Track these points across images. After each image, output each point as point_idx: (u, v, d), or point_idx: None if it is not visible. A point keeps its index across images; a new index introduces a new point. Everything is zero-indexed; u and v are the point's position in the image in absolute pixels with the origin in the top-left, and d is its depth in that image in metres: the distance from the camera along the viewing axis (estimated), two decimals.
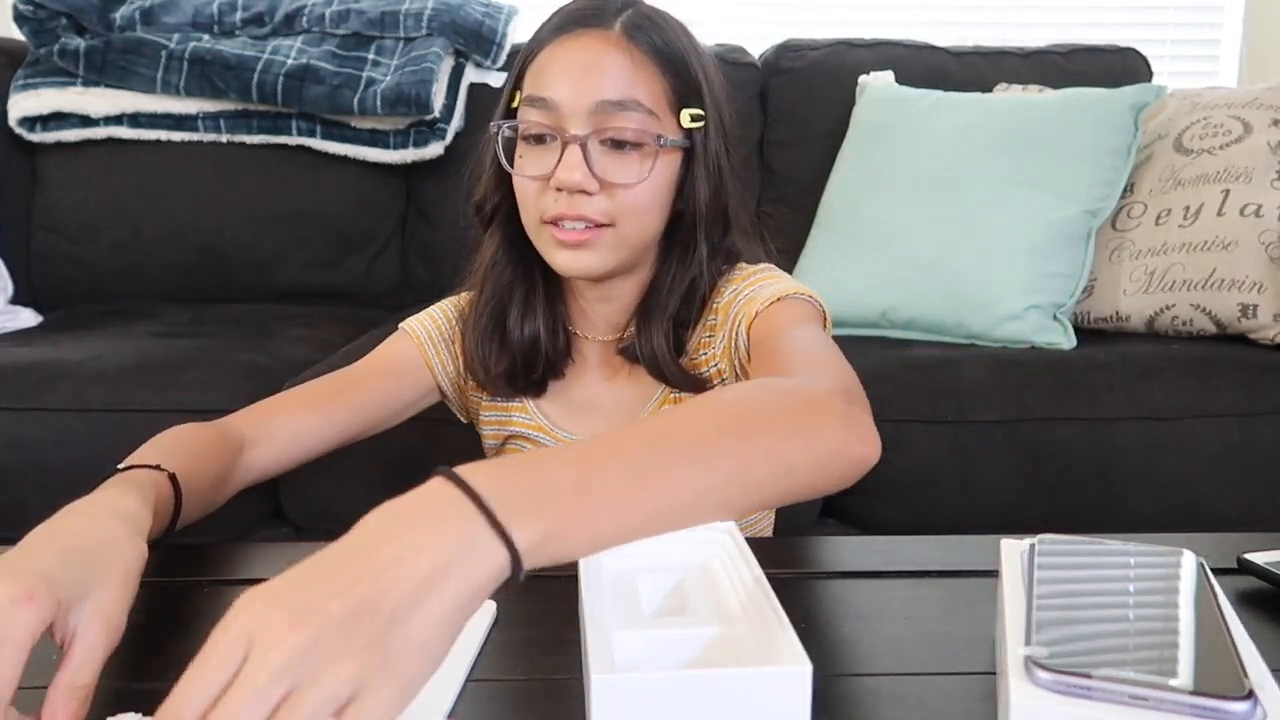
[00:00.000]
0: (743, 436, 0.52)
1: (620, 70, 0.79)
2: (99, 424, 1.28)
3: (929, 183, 1.58)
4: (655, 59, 0.81)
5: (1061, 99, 1.62)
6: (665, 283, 0.86)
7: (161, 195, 1.83)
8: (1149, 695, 0.42)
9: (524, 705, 0.52)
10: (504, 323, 0.88)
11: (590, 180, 0.78)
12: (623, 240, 0.82)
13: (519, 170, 0.82)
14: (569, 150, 0.78)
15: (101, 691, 0.51)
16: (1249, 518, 1.29)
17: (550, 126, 0.79)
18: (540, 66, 0.81)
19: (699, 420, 0.53)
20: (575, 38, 0.80)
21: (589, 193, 0.79)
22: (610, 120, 0.79)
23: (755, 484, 0.52)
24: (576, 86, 0.78)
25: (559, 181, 0.78)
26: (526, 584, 0.44)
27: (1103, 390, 1.30)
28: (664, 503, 0.48)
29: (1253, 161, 1.48)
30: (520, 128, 0.81)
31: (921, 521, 1.29)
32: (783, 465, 0.52)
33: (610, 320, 0.90)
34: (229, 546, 0.75)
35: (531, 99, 0.80)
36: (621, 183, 0.80)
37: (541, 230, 0.82)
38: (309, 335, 1.58)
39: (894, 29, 2.02)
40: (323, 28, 1.87)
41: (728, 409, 0.54)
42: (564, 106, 0.79)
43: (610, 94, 0.78)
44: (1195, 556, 0.54)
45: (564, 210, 0.79)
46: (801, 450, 0.54)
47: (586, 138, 0.78)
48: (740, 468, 0.51)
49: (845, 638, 0.59)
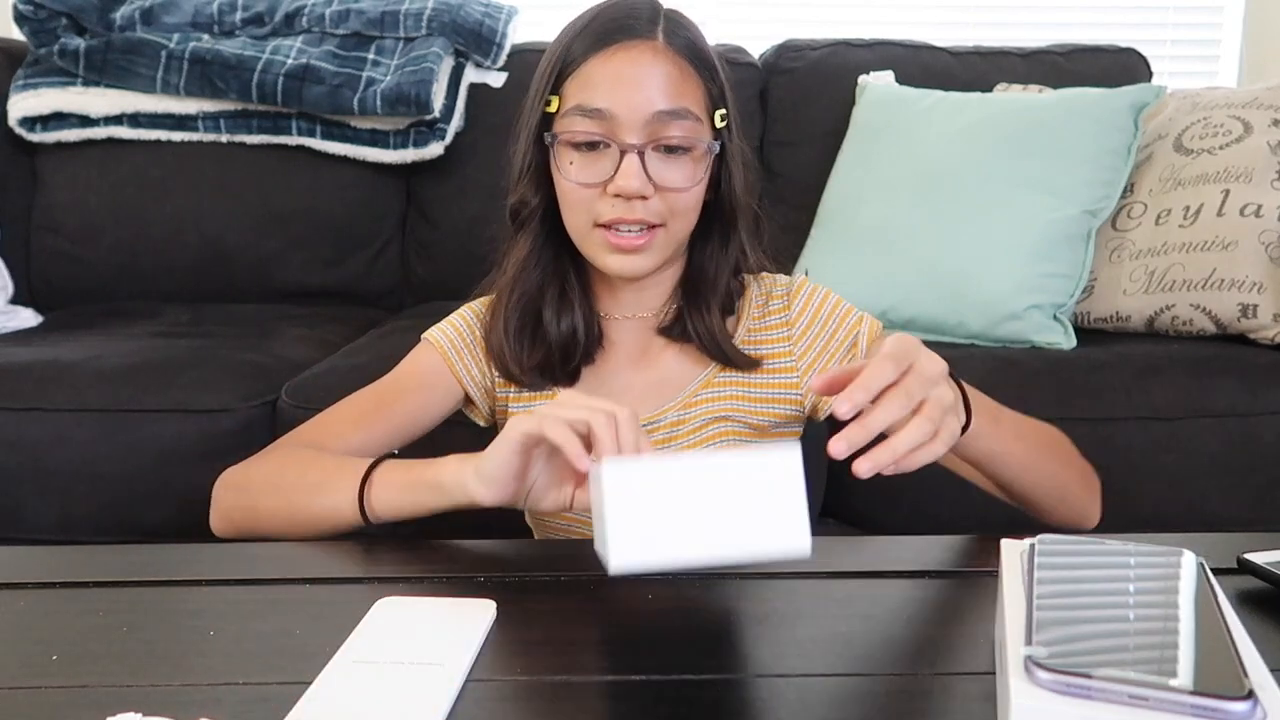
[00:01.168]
0: (1065, 461, 0.89)
1: (670, 80, 0.83)
2: (99, 424, 1.28)
3: (929, 183, 1.58)
4: (695, 66, 0.85)
5: (1061, 99, 1.62)
6: (710, 266, 0.91)
7: (161, 195, 1.83)
8: (1149, 695, 0.42)
9: (524, 705, 0.52)
10: (539, 319, 0.90)
11: (648, 186, 0.83)
12: (670, 239, 0.87)
13: (571, 176, 0.84)
14: (628, 159, 0.82)
15: (102, 691, 0.51)
16: (1249, 518, 1.29)
17: (605, 135, 0.83)
18: (588, 76, 0.84)
19: (1045, 435, 0.89)
20: (624, 49, 0.83)
21: (645, 197, 0.83)
22: (664, 129, 0.83)
23: (1049, 487, 0.87)
24: (632, 98, 0.82)
25: (619, 189, 0.82)
26: (526, 584, 0.44)
27: (1103, 390, 1.30)
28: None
29: (1253, 161, 1.48)
30: (570, 136, 0.84)
31: (921, 521, 1.29)
32: (1063, 491, 0.88)
33: (644, 303, 0.93)
34: (229, 546, 0.75)
35: (583, 109, 0.83)
36: (675, 187, 0.84)
37: (593, 233, 0.86)
38: (309, 335, 1.58)
39: (894, 29, 2.02)
40: (323, 28, 1.87)
41: (1059, 441, 0.89)
42: (620, 117, 0.82)
43: (663, 104, 0.82)
44: (1195, 556, 0.54)
45: (622, 215, 0.83)
46: (1082, 491, 0.90)
47: (644, 147, 0.82)
48: (1053, 475, 0.86)
49: (845, 638, 0.59)
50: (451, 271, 1.86)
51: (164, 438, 1.28)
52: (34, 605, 0.63)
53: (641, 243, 0.84)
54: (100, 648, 0.57)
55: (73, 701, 0.51)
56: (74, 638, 0.58)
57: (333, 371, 1.35)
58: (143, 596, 0.64)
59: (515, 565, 0.70)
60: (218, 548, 0.75)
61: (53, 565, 0.69)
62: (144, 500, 1.29)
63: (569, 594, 0.64)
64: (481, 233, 1.99)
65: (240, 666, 0.55)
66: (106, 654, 0.56)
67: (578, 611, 0.62)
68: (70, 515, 1.29)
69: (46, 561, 0.70)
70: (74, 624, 0.60)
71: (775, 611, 0.62)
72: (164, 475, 1.29)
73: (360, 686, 0.51)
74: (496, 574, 0.67)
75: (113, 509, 1.29)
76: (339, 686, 0.52)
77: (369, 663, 0.54)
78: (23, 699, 0.51)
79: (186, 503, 1.30)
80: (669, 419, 0.91)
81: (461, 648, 0.55)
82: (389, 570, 0.67)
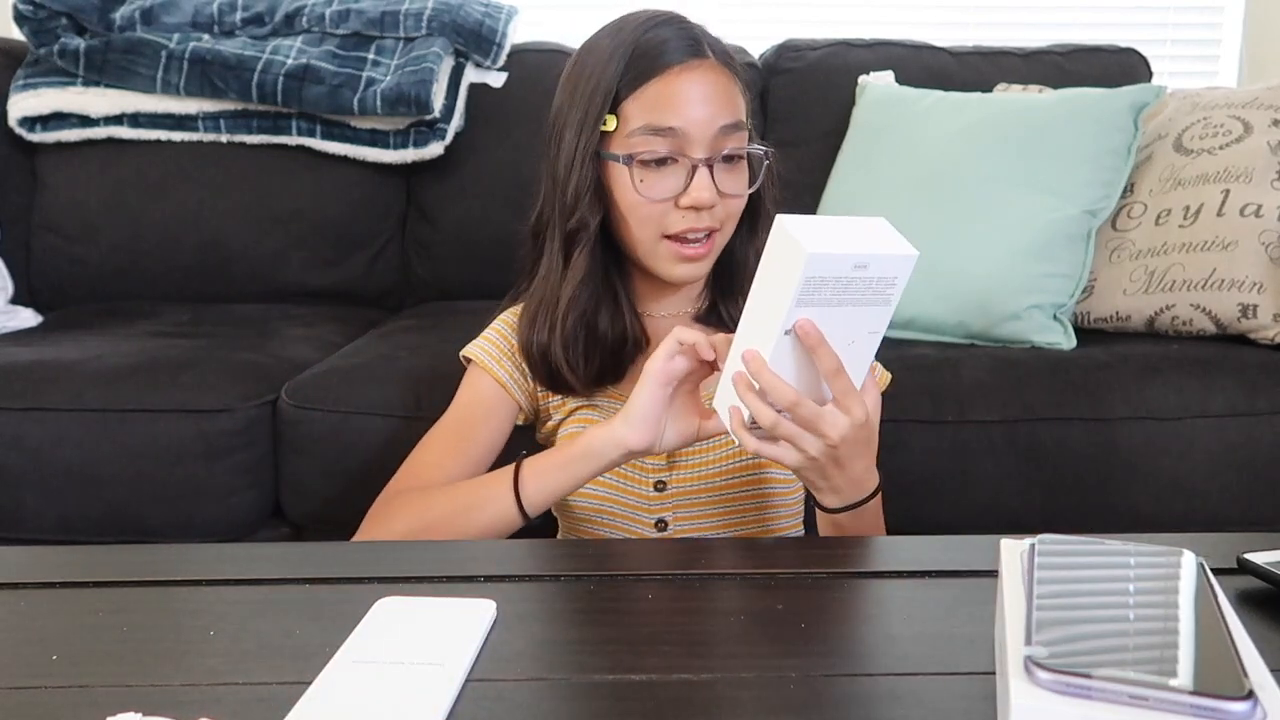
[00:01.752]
0: None
1: (730, 96, 0.90)
2: (99, 424, 1.28)
3: (929, 183, 1.58)
4: (739, 80, 0.92)
5: (1061, 99, 1.62)
6: (741, 253, 0.96)
7: (161, 195, 1.83)
8: (1149, 695, 0.42)
9: (524, 705, 0.52)
10: (592, 331, 0.94)
11: (716, 197, 0.89)
12: (724, 241, 0.93)
13: (644, 193, 0.89)
14: (699, 173, 0.88)
15: (102, 691, 0.51)
16: (1249, 518, 1.29)
17: (675, 151, 0.88)
18: (655, 96, 0.88)
19: None
20: (690, 70, 0.89)
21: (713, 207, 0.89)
22: (725, 141, 0.89)
23: None
24: (702, 116, 0.88)
25: (694, 200, 0.88)
26: (526, 584, 0.44)
27: (1103, 390, 1.30)
28: None
29: (1253, 161, 1.48)
30: (643, 155, 0.88)
31: (921, 521, 1.29)
32: None
33: (685, 299, 1.00)
34: (229, 546, 0.75)
35: (654, 128, 0.88)
36: (735, 193, 0.91)
37: (660, 245, 0.91)
38: (309, 335, 1.58)
39: (894, 29, 2.02)
40: (323, 28, 1.87)
41: None
42: (692, 134, 0.88)
43: (725, 119, 0.89)
44: (1195, 556, 0.54)
45: (692, 224, 0.89)
46: None
47: (712, 160, 0.88)
48: None
49: (845, 638, 0.59)
50: (451, 271, 1.86)
51: (164, 438, 1.28)
52: (34, 605, 0.63)
53: (706, 250, 0.91)
54: (100, 648, 0.57)
55: (73, 701, 0.51)
56: (74, 638, 0.58)
57: (333, 371, 1.36)
58: (143, 596, 0.64)
59: (515, 565, 0.70)
60: (218, 548, 0.75)
61: (53, 565, 0.69)
62: (144, 500, 1.29)
63: (569, 594, 0.64)
64: (481, 233, 2.00)
65: (240, 666, 0.55)
66: (106, 654, 0.56)
67: (578, 611, 0.62)
68: (70, 515, 1.29)
69: (46, 561, 0.70)
70: (74, 624, 0.60)
71: (775, 612, 0.62)
72: (164, 475, 1.29)
73: (360, 686, 0.51)
74: (496, 574, 0.67)
75: (113, 509, 1.29)
76: (339, 686, 0.52)
77: (369, 663, 0.54)
78: (23, 699, 0.51)
79: (186, 503, 1.30)
80: None
81: (461, 648, 0.55)
82: (389, 570, 0.67)
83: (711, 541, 0.89)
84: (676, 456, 0.94)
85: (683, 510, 0.94)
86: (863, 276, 0.69)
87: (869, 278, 0.69)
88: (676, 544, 0.83)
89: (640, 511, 0.94)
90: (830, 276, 0.68)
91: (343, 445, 1.28)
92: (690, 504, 0.94)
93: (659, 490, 0.94)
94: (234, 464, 1.30)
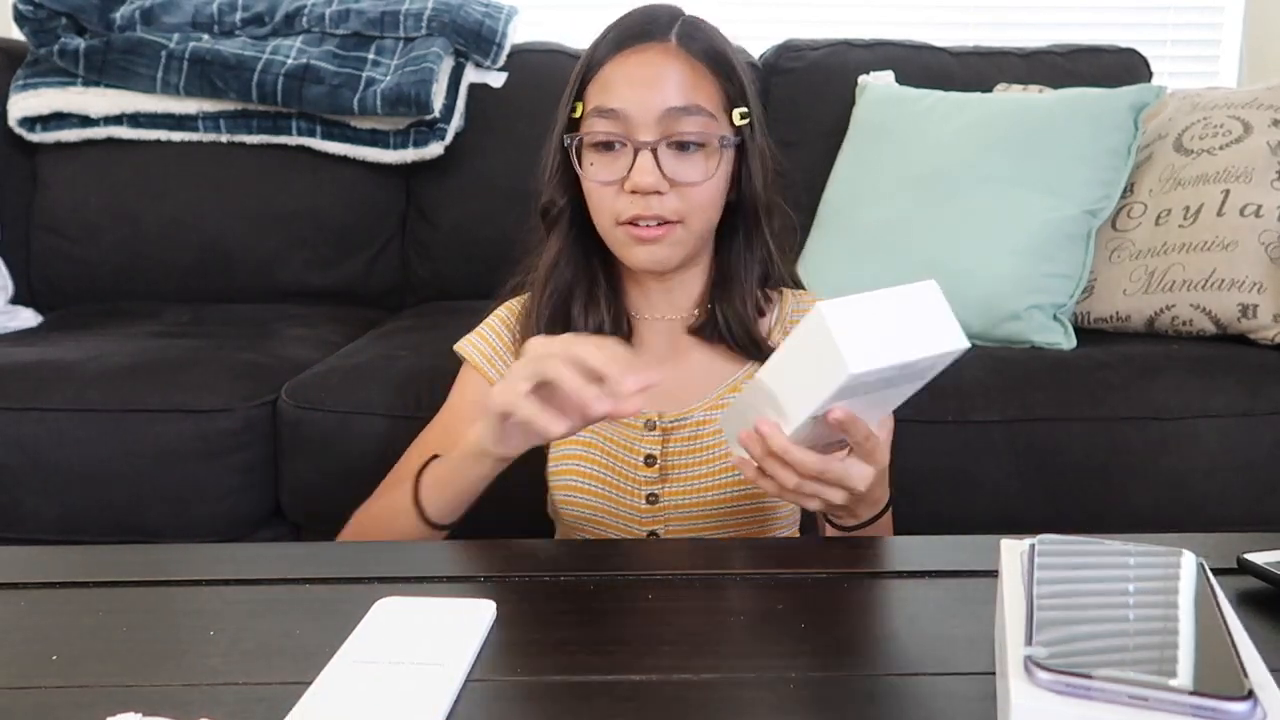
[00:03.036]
0: None
1: (682, 78, 0.86)
2: (99, 424, 1.28)
3: (929, 183, 1.58)
4: (709, 64, 0.88)
5: (1061, 99, 1.62)
6: (738, 264, 0.94)
7: (161, 195, 1.83)
8: (1149, 695, 0.42)
9: (524, 705, 0.52)
10: (568, 316, 0.93)
11: (662, 182, 0.85)
12: (690, 234, 0.89)
13: (592, 176, 0.88)
14: (641, 156, 0.85)
15: (102, 691, 0.51)
16: (1249, 518, 1.29)
17: (619, 135, 0.86)
18: (605, 80, 0.87)
19: None
20: (637, 52, 0.87)
21: (661, 193, 0.86)
22: (676, 125, 0.86)
23: None
24: (644, 96, 0.85)
25: (634, 184, 0.85)
26: (526, 584, 0.44)
27: (1103, 390, 1.30)
28: None
29: (1253, 161, 1.48)
30: (590, 137, 0.87)
31: (921, 521, 1.29)
32: None
33: (674, 303, 0.96)
34: (229, 546, 0.75)
35: (600, 110, 0.86)
36: (689, 181, 0.87)
37: (616, 230, 0.89)
38: (309, 335, 1.58)
39: (894, 29, 2.02)
40: (323, 28, 1.87)
41: None
42: (633, 116, 0.85)
43: (675, 101, 0.85)
44: (1195, 556, 0.54)
45: (640, 211, 0.86)
46: None
47: (656, 143, 0.85)
48: None
49: (845, 638, 0.59)
50: (451, 271, 1.86)
51: (164, 438, 1.28)
52: (34, 605, 0.63)
53: (659, 233, 0.87)
54: (100, 648, 0.57)
55: (73, 701, 0.51)
56: (74, 638, 0.58)
57: (333, 371, 1.36)
58: (143, 596, 0.64)
59: (515, 565, 0.70)
60: (218, 548, 0.75)
61: (53, 565, 0.69)
62: (144, 500, 1.29)
63: (569, 594, 0.64)
64: (481, 233, 1.99)
65: (240, 666, 0.55)
66: (106, 654, 0.56)
67: (578, 611, 0.62)
68: (70, 515, 1.29)
69: (46, 561, 0.70)
70: (74, 624, 0.60)
71: (775, 612, 0.62)
72: (164, 475, 1.29)
73: (360, 686, 0.51)
74: (496, 574, 0.67)
75: (113, 509, 1.29)
76: (339, 686, 0.52)
77: (369, 662, 0.54)
78: (23, 699, 0.51)
79: (186, 503, 1.30)
80: (695, 418, 0.92)
81: (461, 648, 0.55)
82: (389, 570, 0.67)
83: (711, 542, 0.89)
84: (669, 469, 0.92)
85: (675, 524, 0.92)
86: (904, 372, 0.65)
87: (911, 370, 0.65)
88: (676, 544, 0.83)
89: (632, 524, 0.92)
90: (869, 380, 0.64)
91: (343, 445, 1.28)
92: (683, 517, 0.92)
93: (651, 503, 0.91)
94: (234, 464, 1.30)
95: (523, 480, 0.86)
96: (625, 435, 0.92)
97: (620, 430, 0.92)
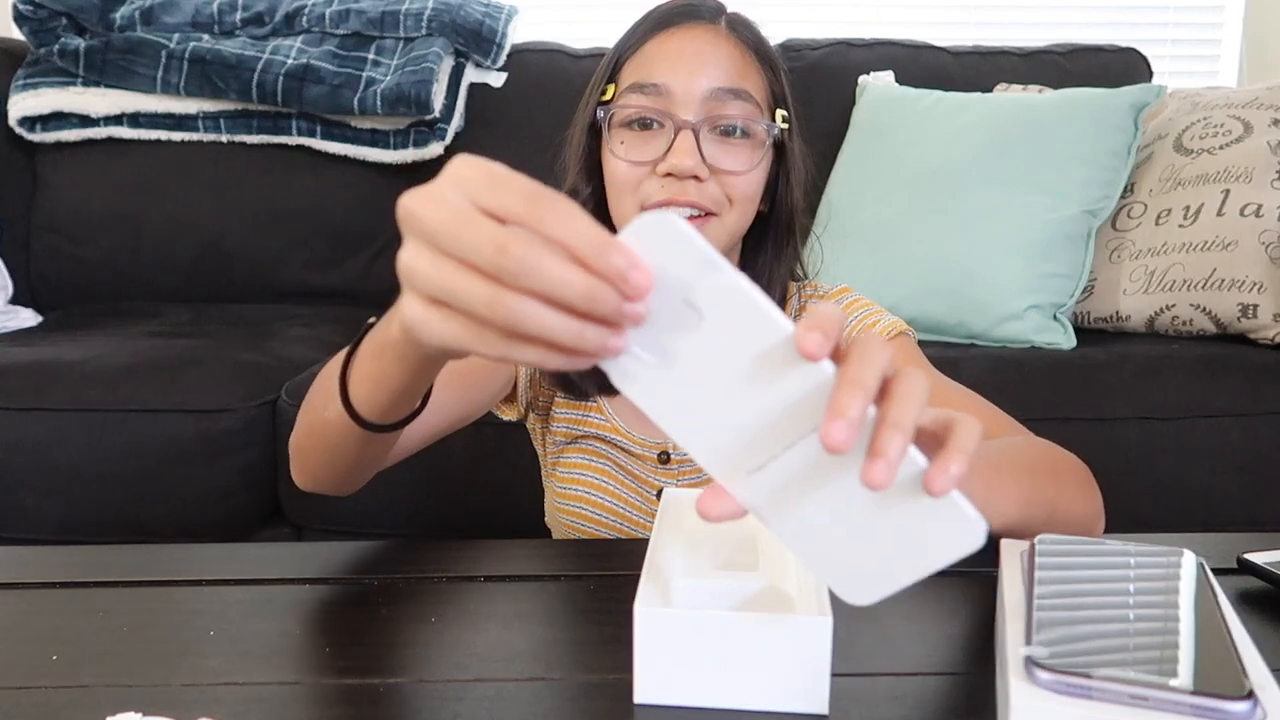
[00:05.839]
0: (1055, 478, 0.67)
1: (731, 60, 0.80)
2: (99, 424, 1.28)
3: (929, 183, 1.58)
4: (757, 56, 0.82)
5: (1061, 99, 1.62)
6: (763, 279, 0.86)
7: (161, 195, 1.83)
8: (1149, 695, 0.42)
9: (524, 705, 0.52)
10: None
11: (702, 166, 0.77)
12: (724, 231, 0.81)
13: (621, 155, 0.80)
14: (682, 135, 0.77)
15: (102, 691, 0.51)
16: (1249, 518, 1.29)
17: (659, 111, 0.78)
18: (645, 56, 0.81)
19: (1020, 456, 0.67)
20: (683, 30, 0.81)
21: (700, 179, 0.78)
22: (722, 108, 0.78)
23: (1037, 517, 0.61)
24: (690, 72, 0.78)
25: (671, 167, 0.77)
26: (526, 584, 0.44)
27: (1103, 390, 1.30)
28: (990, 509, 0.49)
29: (1253, 161, 1.48)
30: (622, 112, 0.80)
31: None
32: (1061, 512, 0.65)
33: None
34: (229, 546, 0.75)
35: (639, 85, 0.79)
36: (732, 170, 0.79)
37: None
38: (309, 335, 1.58)
39: (894, 29, 2.02)
40: (323, 28, 1.87)
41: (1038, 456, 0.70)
42: (676, 92, 0.78)
43: (722, 81, 0.78)
44: (1195, 556, 0.54)
45: (673, 196, 0.78)
46: (1082, 506, 0.71)
47: (699, 124, 0.78)
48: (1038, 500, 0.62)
49: (845, 638, 0.59)
50: None
51: (164, 438, 1.28)
52: (34, 605, 0.63)
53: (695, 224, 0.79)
54: (100, 648, 0.57)
55: (73, 701, 0.51)
56: (74, 638, 0.58)
57: None
58: (143, 596, 0.64)
59: (515, 565, 0.70)
60: (218, 548, 0.75)
61: (53, 565, 0.69)
62: (144, 500, 1.29)
63: (569, 594, 0.64)
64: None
65: (240, 666, 0.55)
66: (106, 654, 0.56)
67: (578, 611, 0.62)
68: (70, 515, 1.29)
69: (46, 561, 0.70)
70: (74, 624, 0.60)
71: None
72: (164, 475, 1.29)
73: None
74: (496, 574, 0.67)
75: (113, 509, 1.29)
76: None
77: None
78: (23, 699, 0.51)
79: (186, 503, 1.30)
80: None
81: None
82: (389, 570, 0.67)
83: None
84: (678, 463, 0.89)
85: None
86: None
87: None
88: None
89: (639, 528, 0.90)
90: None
91: None
92: None
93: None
94: (234, 464, 1.30)
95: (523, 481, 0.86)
96: (640, 467, 0.89)
97: (634, 461, 0.89)
